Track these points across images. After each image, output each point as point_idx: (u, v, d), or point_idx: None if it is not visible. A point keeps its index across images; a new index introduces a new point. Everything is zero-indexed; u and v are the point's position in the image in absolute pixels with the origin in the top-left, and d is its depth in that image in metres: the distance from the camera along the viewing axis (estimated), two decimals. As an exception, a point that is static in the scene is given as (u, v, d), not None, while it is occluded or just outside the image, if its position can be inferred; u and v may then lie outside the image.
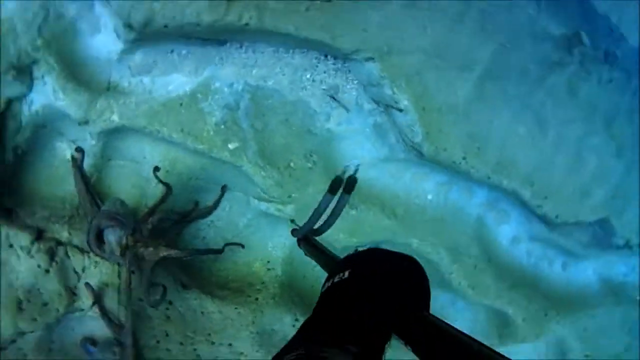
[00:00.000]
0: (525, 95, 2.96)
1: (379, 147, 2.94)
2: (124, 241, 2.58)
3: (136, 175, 2.95)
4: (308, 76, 2.84)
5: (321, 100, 2.88)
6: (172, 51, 2.82)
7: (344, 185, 1.51)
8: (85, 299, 2.71)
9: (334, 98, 2.85)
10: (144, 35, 2.66)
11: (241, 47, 2.81)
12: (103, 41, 2.83)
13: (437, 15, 2.77)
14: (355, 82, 2.85)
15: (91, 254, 2.76)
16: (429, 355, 0.91)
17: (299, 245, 1.76)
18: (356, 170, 1.54)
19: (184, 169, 2.89)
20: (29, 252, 2.67)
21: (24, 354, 2.65)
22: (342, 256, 1.34)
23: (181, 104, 2.79)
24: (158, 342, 2.82)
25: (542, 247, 3.34)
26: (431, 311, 1.02)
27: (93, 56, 2.84)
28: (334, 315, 1.03)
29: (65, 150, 2.94)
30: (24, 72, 2.73)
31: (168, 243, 2.69)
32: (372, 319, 0.98)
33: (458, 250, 3.04)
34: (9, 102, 2.76)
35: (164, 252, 2.60)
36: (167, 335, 2.83)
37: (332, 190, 1.52)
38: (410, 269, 1.09)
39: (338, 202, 1.55)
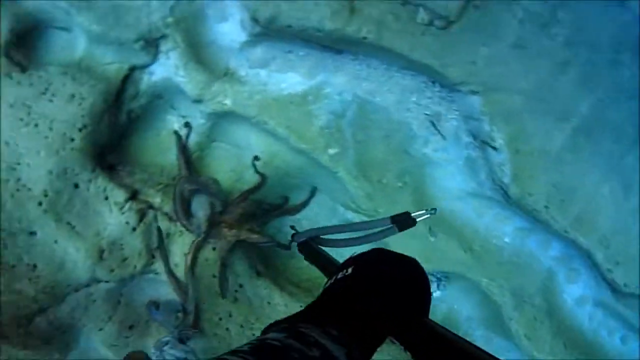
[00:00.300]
0: (617, 156, 2.94)
1: (468, 181, 2.98)
2: (211, 217, 2.68)
3: (236, 160, 3.07)
4: (414, 99, 2.92)
5: (422, 125, 2.95)
6: (290, 51, 2.95)
7: (401, 223, 1.41)
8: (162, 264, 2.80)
9: (434, 125, 2.91)
10: (267, 31, 2.82)
11: (356, 59, 2.92)
12: (228, 30, 2.98)
13: (544, 61, 2.82)
14: (457, 112, 2.91)
15: (178, 224, 2.85)
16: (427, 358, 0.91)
17: (299, 250, 1.72)
18: (435, 212, 1.42)
19: (282, 164, 2.99)
20: (121, 209, 2.80)
21: (93, 300, 2.76)
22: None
23: (292, 102, 2.91)
24: (220, 319, 2.90)
25: (605, 315, 3.26)
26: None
27: (216, 42, 2.99)
28: (330, 304, 1.03)
29: (174, 123, 3.09)
30: (152, 44, 2.89)
31: (251, 229, 2.79)
32: (369, 315, 0.96)
33: (523, 297, 3.03)
34: (133, 69, 2.93)
35: (244, 235, 2.74)
36: (230, 315, 2.90)
37: (395, 222, 1.42)
38: (414, 273, 1.08)
39: (380, 232, 1.47)
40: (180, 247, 2.85)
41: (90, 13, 2.76)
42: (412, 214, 1.41)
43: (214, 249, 2.79)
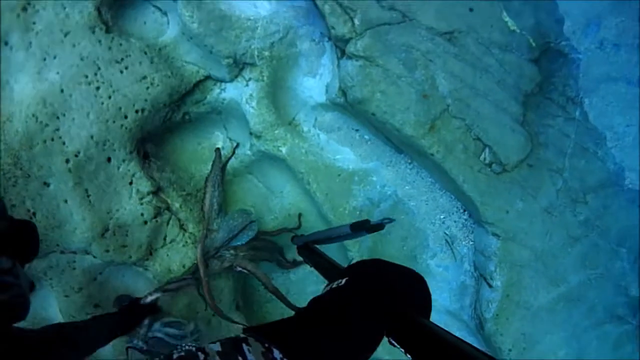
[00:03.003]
0: (581, 328, 3.15)
1: (453, 302, 3.13)
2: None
3: (261, 199, 3.07)
4: (442, 217, 3.02)
5: (437, 240, 3.06)
6: (357, 130, 2.98)
7: (369, 227, 1.50)
8: (155, 266, 2.76)
9: (449, 244, 3.03)
10: (347, 105, 2.83)
11: (411, 163, 2.99)
12: (311, 85, 3.00)
13: (561, 231, 3.00)
14: (471, 243, 3.05)
15: (186, 234, 2.83)
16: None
17: (298, 252, 1.74)
18: (389, 221, 1.51)
19: (303, 223, 3.01)
20: (141, 199, 2.70)
21: (73, 267, 2.66)
22: (344, 265, 1.38)
23: (339, 175, 2.94)
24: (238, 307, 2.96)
25: None
26: None
27: (295, 90, 2.99)
28: (306, 318, 1.00)
29: (219, 141, 3.06)
30: (238, 66, 2.86)
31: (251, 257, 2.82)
32: (348, 334, 0.94)
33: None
34: (208, 78, 2.88)
35: (240, 262, 2.72)
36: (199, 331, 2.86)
37: (355, 228, 1.52)
38: (410, 277, 1.08)
39: (354, 235, 1.55)
40: (180, 256, 2.80)
41: (197, 11, 2.69)
42: (372, 222, 1.50)
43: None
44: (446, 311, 3.15)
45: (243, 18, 2.82)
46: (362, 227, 1.51)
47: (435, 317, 3.04)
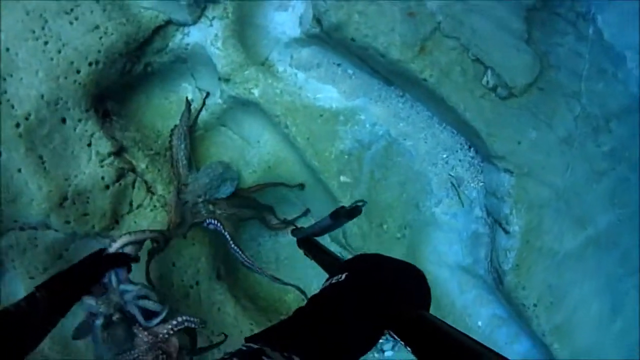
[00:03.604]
0: (616, 277, 2.76)
1: (465, 255, 2.73)
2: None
3: (238, 152, 2.71)
4: (444, 155, 2.64)
5: (442, 184, 2.68)
6: (339, 64, 2.62)
7: (346, 213, 1.46)
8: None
9: (455, 187, 2.63)
10: (324, 36, 2.48)
11: (402, 96, 2.62)
12: (283, 20, 2.65)
13: (584, 164, 2.62)
14: (481, 184, 2.66)
15: (154, 197, 2.50)
16: (426, 354, 0.89)
17: (298, 245, 1.71)
18: (363, 203, 1.47)
19: (285, 174, 2.65)
20: (101, 161, 2.39)
21: (35, 245, 2.35)
22: (343, 257, 1.39)
23: (321, 115, 2.58)
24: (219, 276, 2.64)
25: None
26: None
27: (266, 28, 2.65)
28: (309, 319, 1.02)
29: (188, 93, 2.71)
30: (199, 5, 2.52)
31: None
32: (351, 331, 0.96)
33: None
34: (169, 22, 2.54)
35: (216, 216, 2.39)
36: (177, 310, 2.52)
37: (334, 217, 1.48)
38: (409, 273, 1.07)
39: (338, 223, 1.51)
40: (148, 221, 2.47)
41: None
42: (346, 207, 1.47)
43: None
44: (458, 267, 2.76)
45: None
46: (340, 215, 1.47)
47: (447, 274, 2.68)
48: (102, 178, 2.39)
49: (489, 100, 2.43)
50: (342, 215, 1.46)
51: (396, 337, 0.96)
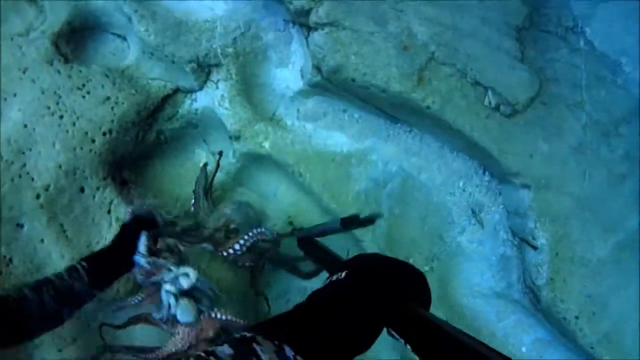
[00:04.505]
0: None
1: (498, 280, 2.64)
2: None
3: (258, 209, 2.69)
4: (460, 184, 2.61)
5: (462, 212, 2.63)
6: (344, 110, 2.65)
7: (358, 222, 1.45)
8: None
9: (475, 214, 2.58)
10: (327, 83, 2.52)
11: (410, 131, 2.63)
12: (285, 76, 2.72)
13: (601, 170, 2.55)
14: (501, 207, 2.61)
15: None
16: (426, 351, 0.88)
17: (298, 245, 1.71)
18: (377, 216, 1.44)
19: (306, 223, 2.60)
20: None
21: None
22: (342, 256, 1.39)
23: (333, 160, 2.58)
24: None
25: None
26: None
27: (271, 85, 2.72)
28: (306, 313, 1.00)
29: (202, 158, 2.75)
30: (203, 70, 2.62)
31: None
32: (349, 327, 0.95)
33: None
34: (177, 90, 2.64)
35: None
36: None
37: (344, 225, 1.48)
38: (408, 271, 1.09)
39: (345, 230, 1.52)
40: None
41: (152, 23, 2.50)
42: (360, 217, 1.46)
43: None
44: (493, 294, 2.66)
45: (200, 21, 2.63)
46: (352, 223, 1.49)
47: (483, 303, 2.61)
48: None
49: (494, 119, 2.43)
50: (355, 224, 1.49)
51: (395, 334, 0.97)
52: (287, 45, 2.70)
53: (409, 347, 0.93)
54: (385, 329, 1.01)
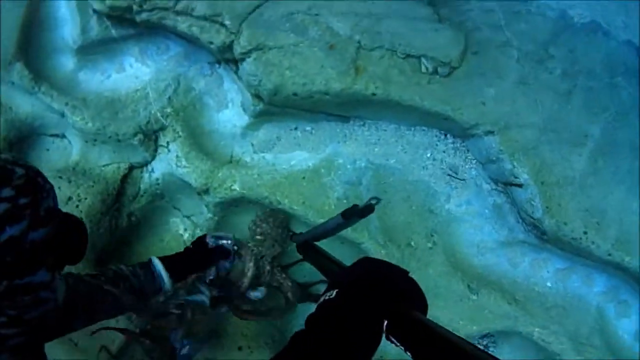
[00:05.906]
0: (638, 171, 2.64)
1: (498, 229, 2.62)
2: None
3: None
4: (428, 155, 2.60)
5: (441, 180, 2.61)
6: (295, 128, 2.62)
7: (359, 212, 1.43)
8: None
9: (453, 177, 2.57)
10: (270, 106, 2.49)
11: (364, 124, 2.61)
12: (228, 116, 2.68)
13: (548, 93, 2.58)
14: (474, 161, 2.61)
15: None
16: (420, 353, 0.88)
17: (298, 250, 1.67)
18: (376, 201, 1.41)
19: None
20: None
21: None
22: (344, 261, 1.36)
23: (304, 178, 2.54)
24: None
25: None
26: None
27: (218, 130, 2.68)
28: (303, 345, 0.98)
29: (178, 226, 2.66)
30: (150, 138, 2.58)
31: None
32: (347, 348, 0.93)
33: (580, 340, 2.60)
34: (131, 167, 2.57)
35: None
36: None
37: (346, 216, 1.45)
38: (399, 276, 1.05)
39: (349, 223, 1.49)
40: None
41: (85, 111, 2.46)
42: (359, 206, 1.43)
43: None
44: (500, 244, 2.64)
45: (131, 92, 2.61)
46: (353, 213, 1.45)
47: (494, 258, 2.57)
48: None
49: (437, 82, 2.44)
50: (355, 214, 1.43)
51: (395, 341, 0.95)
52: (220, 87, 2.67)
53: (402, 348, 0.91)
54: (384, 336, 0.99)
